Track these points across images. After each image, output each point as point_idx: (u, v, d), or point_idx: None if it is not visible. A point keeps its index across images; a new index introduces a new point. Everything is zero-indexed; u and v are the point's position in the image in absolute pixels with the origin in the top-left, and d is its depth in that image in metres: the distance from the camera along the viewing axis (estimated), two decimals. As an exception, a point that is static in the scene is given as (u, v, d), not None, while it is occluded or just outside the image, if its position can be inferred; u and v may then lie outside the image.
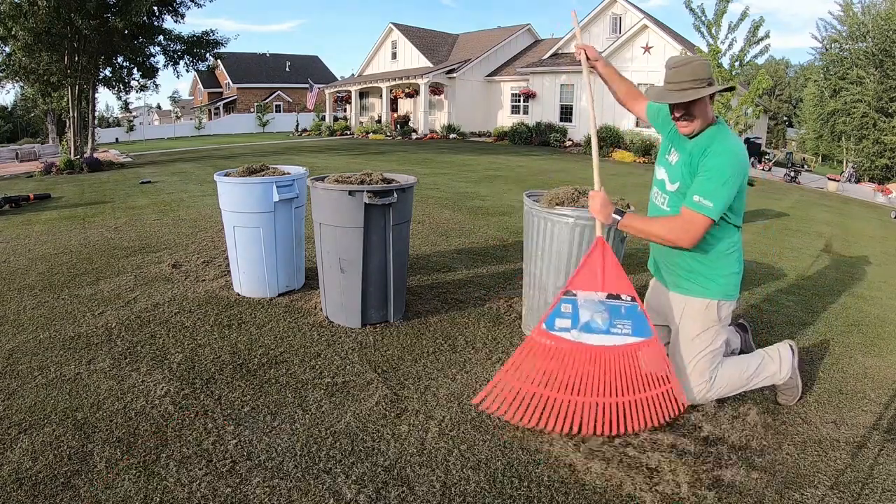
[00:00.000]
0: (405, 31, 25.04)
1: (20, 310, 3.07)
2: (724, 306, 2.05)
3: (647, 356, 1.94)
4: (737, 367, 2.13)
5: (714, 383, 2.08)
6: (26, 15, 11.12)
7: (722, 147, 1.90)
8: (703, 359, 2.06)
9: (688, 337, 2.08)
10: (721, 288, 2.02)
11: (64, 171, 11.23)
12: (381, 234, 2.74)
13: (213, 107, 42.46)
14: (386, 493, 1.66)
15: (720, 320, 2.06)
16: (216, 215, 5.63)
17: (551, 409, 1.91)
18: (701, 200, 1.85)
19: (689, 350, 2.08)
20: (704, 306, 2.04)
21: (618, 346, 1.92)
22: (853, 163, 21.31)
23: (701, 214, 1.86)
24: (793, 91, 42.06)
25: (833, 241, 6.31)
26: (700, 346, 2.06)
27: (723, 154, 1.87)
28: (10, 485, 1.64)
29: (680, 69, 1.92)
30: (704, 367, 2.07)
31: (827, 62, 23.96)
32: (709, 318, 2.05)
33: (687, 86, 1.90)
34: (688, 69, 1.91)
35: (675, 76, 1.93)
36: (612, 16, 18.81)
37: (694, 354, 2.07)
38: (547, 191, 2.72)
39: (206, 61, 15.81)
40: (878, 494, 1.74)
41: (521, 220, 4.37)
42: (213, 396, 2.17)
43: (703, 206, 1.85)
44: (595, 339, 1.92)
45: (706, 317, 2.05)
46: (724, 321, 2.07)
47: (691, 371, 2.08)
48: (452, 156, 13.89)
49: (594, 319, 1.93)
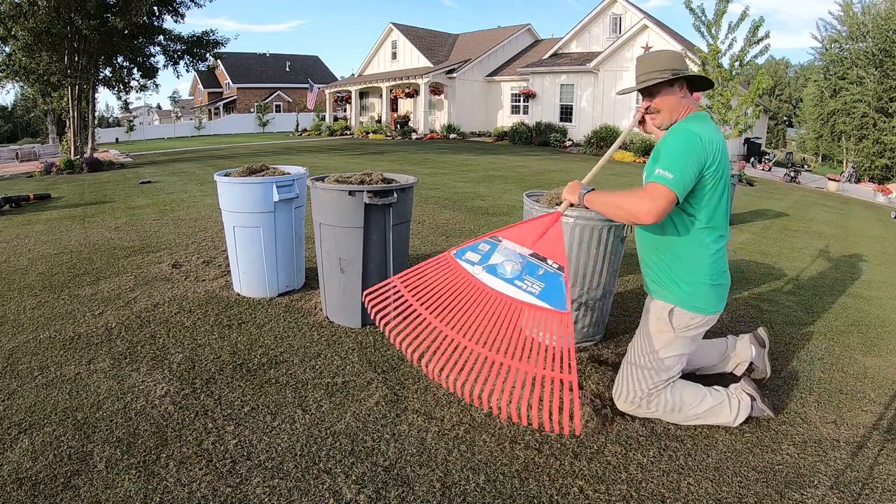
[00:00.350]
0: (405, 30, 25.04)
1: (20, 310, 3.07)
2: (679, 314, 1.93)
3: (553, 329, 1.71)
4: (690, 398, 2.00)
5: (653, 402, 1.99)
6: (26, 15, 11.11)
7: (678, 127, 1.86)
8: (645, 363, 1.98)
9: (640, 332, 2.05)
10: (682, 295, 1.92)
11: (64, 171, 11.23)
12: (381, 234, 2.74)
13: (213, 107, 42.46)
14: (386, 493, 1.66)
15: (673, 328, 1.95)
16: (216, 215, 5.63)
17: (425, 337, 1.77)
18: (661, 171, 1.78)
19: (637, 346, 2.04)
20: (659, 308, 1.97)
21: (516, 300, 1.75)
22: (853, 163, 21.32)
23: (661, 184, 1.77)
24: (793, 91, 42.06)
25: (833, 241, 6.31)
26: (647, 348, 2.00)
27: (677, 132, 1.84)
28: (10, 485, 1.64)
29: (645, 61, 1.96)
30: (645, 376, 1.98)
31: (827, 62, 23.97)
32: (661, 321, 1.96)
33: (649, 77, 1.92)
34: (651, 60, 1.94)
35: (640, 68, 1.96)
36: (613, 16, 18.81)
37: (640, 353, 2.01)
38: (547, 191, 2.72)
39: (206, 61, 15.80)
40: (878, 494, 1.74)
41: (520, 217, 4.37)
42: (213, 396, 2.17)
43: (663, 176, 1.77)
44: (494, 283, 1.79)
45: (659, 319, 1.97)
46: (679, 331, 1.95)
47: (630, 374, 2.02)
48: (452, 156, 13.89)
49: (503, 265, 1.83)
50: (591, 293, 2.57)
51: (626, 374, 2.06)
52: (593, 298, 2.58)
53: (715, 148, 1.80)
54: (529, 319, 1.74)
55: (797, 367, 2.63)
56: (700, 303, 1.92)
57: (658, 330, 1.98)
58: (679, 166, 1.77)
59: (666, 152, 1.82)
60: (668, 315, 1.95)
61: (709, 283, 1.91)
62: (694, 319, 1.94)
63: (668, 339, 1.97)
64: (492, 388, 1.73)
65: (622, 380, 2.07)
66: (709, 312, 1.94)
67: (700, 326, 1.97)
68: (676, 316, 1.95)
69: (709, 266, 1.90)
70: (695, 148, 1.78)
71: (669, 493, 1.70)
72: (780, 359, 2.70)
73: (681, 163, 1.77)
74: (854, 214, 9.83)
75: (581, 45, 19.77)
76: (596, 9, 18.97)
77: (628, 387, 2.03)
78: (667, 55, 1.94)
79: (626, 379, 2.05)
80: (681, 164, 1.77)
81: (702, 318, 1.95)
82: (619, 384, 2.08)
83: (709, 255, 1.90)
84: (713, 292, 1.92)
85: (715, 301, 1.94)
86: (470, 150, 16.12)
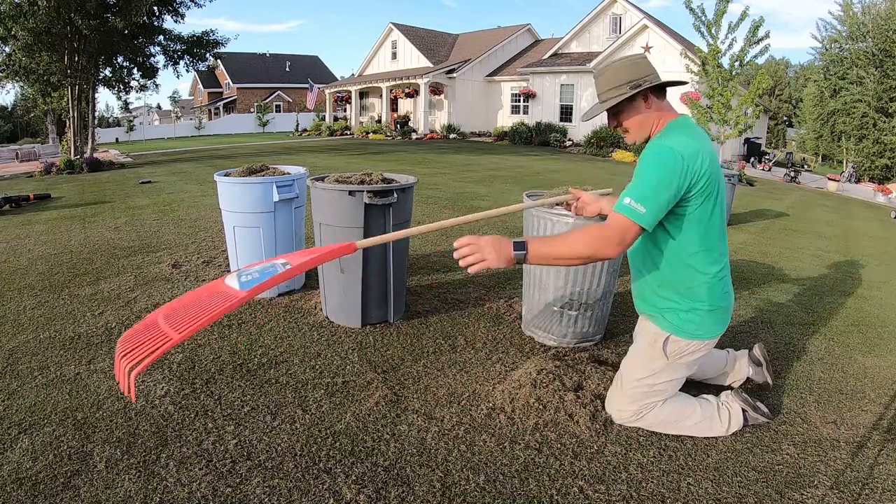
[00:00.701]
0: (405, 30, 25.04)
1: (20, 310, 3.07)
2: (674, 342, 1.82)
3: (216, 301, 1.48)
4: (681, 413, 1.94)
5: (644, 418, 1.94)
6: (26, 15, 11.11)
7: (653, 145, 1.68)
8: (637, 387, 1.91)
9: (633, 354, 1.97)
10: (678, 322, 1.80)
11: (64, 171, 11.23)
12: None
13: (213, 107, 42.47)
14: (386, 493, 1.66)
15: (667, 356, 1.84)
16: (216, 215, 5.63)
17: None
18: (630, 202, 1.60)
19: (629, 369, 1.96)
20: (653, 334, 1.86)
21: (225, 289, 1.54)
22: (853, 163, 21.33)
23: (627, 218, 1.60)
24: (793, 91, 42.06)
25: (833, 240, 6.31)
26: (638, 374, 1.91)
27: (651, 151, 1.65)
28: (10, 485, 1.64)
29: (601, 77, 1.77)
30: (637, 397, 1.93)
31: (827, 62, 23.99)
32: (654, 349, 1.86)
33: (608, 96, 1.75)
34: (607, 76, 1.76)
35: (598, 85, 1.79)
36: (613, 16, 18.82)
37: (631, 378, 1.93)
38: (547, 191, 2.72)
39: (206, 61, 15.81)
40: (878, 494, 1.74)
41: (521, 220, 4.37)
42: (213, 396, 2.17)
43: (632, 209, 1.59)
44: (229, 281, 1.57)
45: (652, 346, 1.86)
46: (673, 358, 1.84)
47: (622, 392, 1.97)
48: (452, 156, 13.89)
49: (252, 270, 1.61)
50: (591, 293, 2.57)
51: (617, 391, 2.01)
52: (593, 298, 2.58)
53: (700, 161, 1.61)
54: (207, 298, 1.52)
55: (797, 367, 2.63)
56: (697, 329, 1.79)
57: (650, 357, 1.88)
58: (651, 195, 1.59)
59: (638, 176, 1.64)
60: (662, 344, 1.83)
61: (706, 309, 1.77)
62: (690, 346, 1.82)
63: (660, 365, 1.87)
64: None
65: (614, 395, 2.03)
66: (707, 338, 1.82)
67: (697, 352, 1.85)
68: (671, 344, 1.82)
69: (706, 291, 1.76)
70: (672, 168, 1.59)
71: (669, 493, 1.70)
72: (781, 359, 2.70)
73: (653, 190, 1.59)
74: (854, 214, 9.83)
75: (581, 45, 19.78)
76: (596, 9, 18.98)
77: (619, 403, 1.99)
78: (622, 66, 1.74)
79: (618, 397, 2.00)
80: (653, 191, 1.59)
81: (699, 344, 1.82)
82: (611, 398, 2.05)
83: (706, 280, 1.75)
84: (711, 317, 1.79)
85: (713, 326, 1.81)
86: (470, 150, 16.12)
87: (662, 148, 1.63)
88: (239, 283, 1.54)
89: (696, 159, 1.61)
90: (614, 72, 1.74)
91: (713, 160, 1.67)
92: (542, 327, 2.73)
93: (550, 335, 2.71)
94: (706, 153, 1.65)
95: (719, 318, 1.83)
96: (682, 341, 1.82)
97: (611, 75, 1.75)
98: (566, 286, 2.56)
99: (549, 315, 2.67)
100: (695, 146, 1.63)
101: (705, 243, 1.72)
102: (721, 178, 1.71)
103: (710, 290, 1.76)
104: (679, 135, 1.67)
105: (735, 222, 6.86)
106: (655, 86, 1.74)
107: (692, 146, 1.63)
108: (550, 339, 2.71)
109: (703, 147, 1.66)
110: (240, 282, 1.54)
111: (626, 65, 1.74)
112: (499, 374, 2.40)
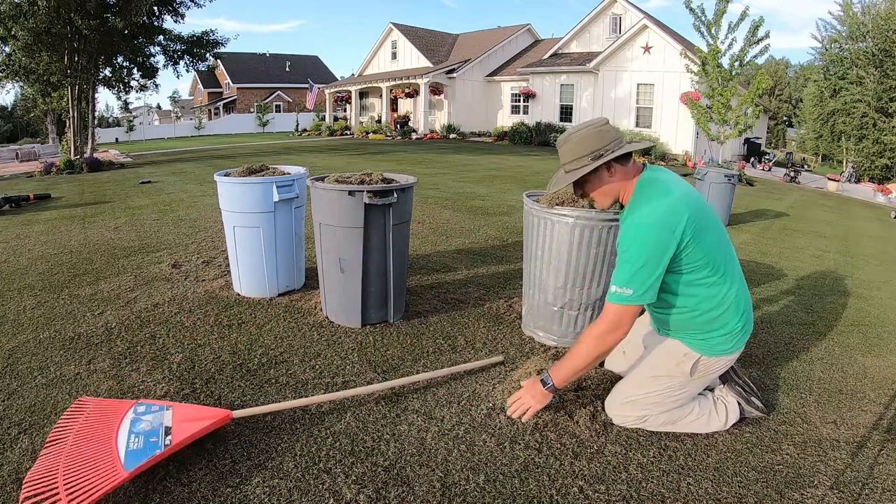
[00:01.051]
0: (405, 31, 25.04)
1: (20, 310, 3.07)
2: (704, 362, 1.86)
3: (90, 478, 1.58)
4: (679, 411, 1.96)
5: (646, 420, 1.95)
6: (26, 15, 11.11)
7: (629, 220, 1.71)
8: (650, 397, 1.92)
9: (651, 369, 1.95)
10: (710, 345, 1.84)
11: (64, 171, 11.22)
12: (380, 234, 2.74)
13: (213, 107, 42.46)
14: (386, 493, 1.66)
15: (692, 375, 1.87)
16: (216, 215, 5.63)
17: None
18: (619, 290, 1.69)
19: (643, 380, 1.95)
20: (682, 355, 1.87)
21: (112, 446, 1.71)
22: (853, 163, 21.33)
23: (620, 306, 1.69)
24: (793, 91, 42.04)
25: (833, 240, 6.31)
26: (656, 386, 1.90)
27: (628, 228, 1.69)
28: (10, 485, 1.64)
29: (562, 147, 1.80)
30: (648, 406, 1.93)
31: (827, 62, 23.98)
32: (681, 368, 1.88)
33: (570, 166, 1.79)
34: (567, 147, 1.78)
35: (561, 155, 1.81)
36: (612, 16, 18.82)
37: (646, 388, 1.92)
38: (545, 191, 2.72)
39: (206, 61, 15.80)
40: (878, 494, 1.74)
41: (521, 220, 4.38)
42: (213, 396, 2.17)
43: (622, 295, 1.68)
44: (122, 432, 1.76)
45: (679, 365, 1.88)
46: (698, 375, 1.87)
47: (632, 400, 1.95)
48: (452, 156, 13.89)
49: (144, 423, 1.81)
50: (591, 293, 2.57)
51: (622, 398, 1.99)
52: (593, 298, 2.58)
53: (677, 218, 1.65)
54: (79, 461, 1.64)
55: (797, 367, 2.63)
56: (727, 346, 1.84)
57: (672, 373, 1.89)
58: (638, 276, 1.66)
59: (621, 260, 1.70)
60: (691, 365, 1.86)
61: (736, 329, 1.83)
62: (720, 362, 1.88)
63: (682, 382, 1.90)
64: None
65: (618, 401, 2.00)
66: (733, 352, 1.88)
67: (724, 368, 1.92)
68: (701, 364, 1.86)
69: (733, 311, 1.81)
70: (655, 244, 1.64)
71: (669, 493, 1.70)
72: (781, 359, 2.70)
73: (640, 270, 1.66)
74: (854, 214, 9.83)
75: (581, 45, 19.77)
76: (596, 9, 18.98)
77: (625, 409, 1.98)
78: (585, 135, 1.75)
79: (623, 403, 1.98)
80: (641, 271, 1.66)
81: (727, 359, 1.89)
82: (614, 404, 2.01)
83: (726, 305, 1.79)
84: (740, 333, 1.85)
85: (742, 337, 1.86)
86: (470, 150, 16.12)
87: (640, 228, 1.66)
88: (125, 451, 1.67)
89: (676, 217, 1.65)
90: (577, 142, 1.76)
91: (696, 202, 1.71)
92: (542, 327, 2.73)
93: (550, 335, 2.71)
94: (680, 202, 1.68)
95: (746, 327, 1.88)
96: (712, 359, 1.87)
97: (573, 146, 1.77)
98: (566, 286, 2.56)
99: (549, 315, 2.67)
100: (668, 205, 1.66)
101: (715, 272, 1.76)
102: (705, 209, 1.74)
103: (735, 308, 1.81)
104: (651, 200, 1.70)
105: (735, 222, 6.86)
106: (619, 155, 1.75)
107: (666, 207, 1.66)
108: (550, 339, 2.71)
109: (675, 196, 1.69)
110: (126, 451, 1.68)
111: (589, 134, 1.75)
112: (499, 374, 2.40)
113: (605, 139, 1.74)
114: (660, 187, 1.73)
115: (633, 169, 1.82)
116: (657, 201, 1.69)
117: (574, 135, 1.78)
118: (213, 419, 1.85)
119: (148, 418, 1.83)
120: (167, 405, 1.92)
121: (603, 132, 1.75)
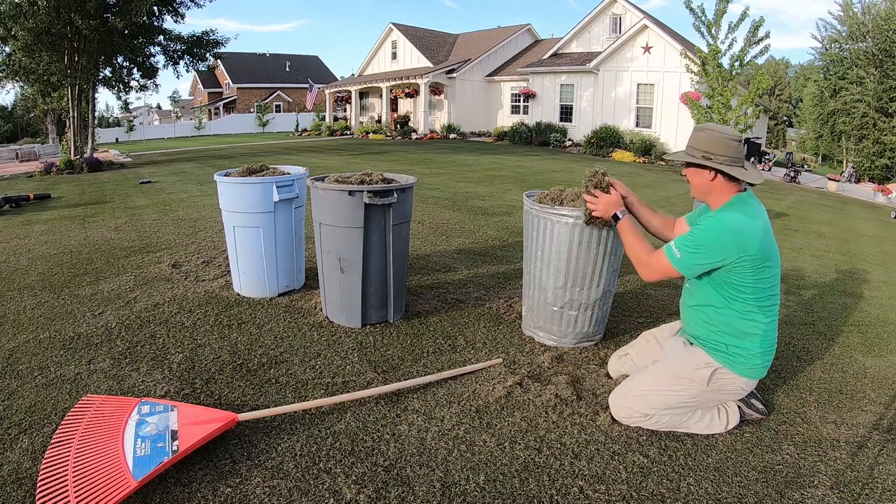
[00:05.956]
0: (405, 31, 25.04)
1: (20, 310, 3.07)
2: (722, 374, 1.93)
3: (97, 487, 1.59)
4: (682, 415, 2.00)
5: (649, 421, 1.99)
6: (26, 15, 11.11)
7: (712, 216, 1.90)
8: (661, 398, 1.95)
9: (668, 373, 1.99)
10: (731, 357, 1.93)
11: (64, 171, 11.23)
12: (381, 234, 2.74)
13: (213, 107, 42.47)
14: (386, 493, 1.66)
15: (706, 384, 1.93)
16: (216, 215, 5.63)
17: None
18: (674, 246, 1.91)
19: (658, 381, 1.98)
20: (704, 363, 1.95)
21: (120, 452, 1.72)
22: (853, 163, 21.34)
23: (666, 257, 1.92)
24: (793, 91, 42.04)
25: (833, 240, 6.31)
26: (668, 386, 1.95)
27: (709, 221, 1.88)
28: (10, 485, 1.64)
29: (694, 133, 2.00)
30: (657, 406, 1.96)
31: (827, 62, 23.97)
32: (698, 374, 1.94)
33: (690, 150, 1.98)
34: (697, 135, 1.97)
35: (690, 137, 2.01)
36: (613, 16, 18.80)
37: (659, 388, 1.96)
38: (547, 190, 2.72)
39: (206, 61, 15.79)
40: (878, 494, 1.74)
41: (521, 220, 4.37)
42: (213, 396, 2.17)
43: (672, 253, 1.91)
44: (128, 435, 1.78)
45: (697, 371, 1.95)
46: (712, 387, 1.94)
47: (640, 393, 1.98)
48: (452, 156, 13.89)
49: (149, 425, 1.84)
50: (591, 293, 2.57)
51: (630, 394, 2.01)
52: (593, 298, 2.58)
53: (748, 238, 1.81)
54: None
55: (797, 367, 2.63)
56: (746, 367, 1.93)
57: (691, 379, 1.95)
58: (690, 251, 1.87)
59: (692, 232, 1.91)
60: (709, 374, 1.94)
61: (759, 352, 1.93)
62: (736, 382, 1.94)
63: (697, 390, 1.95)
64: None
65: (625, 397, 2.02)
66: (752, 378, 1.96)
67: (736, 392, 1.97)
68: (718, 375, 1.94)
69: (760, 339, 1.92)
70: (719, 242, 1.82)
71: (669, 493, 1.70)
72: (781, 359, 2.70)
73: (694, 250, 1.86)
74: (854, 214, 9.83)
75: (581, 45, 19.76)
76: (596, 9, 18.96)
77: (632, 405, 1.99)
78: (709, 136, 1.92)
79: (632, 399, 2.00)
80: (694, 250, 1.86)
81: (745, 382, 1.95)
82: (622, 399, 2.03)
83: (761, 328, 1.91)
84: (761, 360, 1.94)
85: (762, 368, 1.95)
86: (470, 150, 16.12)
87: (719, 224, 1.84)
88: (133, 458, 1.68)
89: (744, 235, 1.81)
90: (704, 137, 1.94)
91: (766, 234, 1.86)
92: (542, 327, 2.73)
93: (550, 335, 2.71)
94: (757, 229, 1.84)
95: (767, 361, 1.96)
96: (730, 375, 1.94)
97: (699, 137, 1.95)
98: (566, 286, 2.56)
99: (549, 315, 2.67)
100: (748, 226, 1.83)
101: (761, 301, 1.90)
102: (773, 248, 1.89)
103: (763, 338, 1.92)
104: (737, 212, 1.87)
105: (735, 222, 6.84)
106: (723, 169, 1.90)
107: (745, 226, 1.83)
108: (550, 339, 2.71)
109: (756, 223, 1.85)
110: (134, 457, 1.68)
111: (715, 138, 1.91)
112: (499, 374, 2.40)
113: (722, 150, 1.89)
114: (751, 210, 1.89)
115: (734, 188, 1.95)
116: (743, 218, 1.85)
117: (708, 129, 1.94)
118: (219, 423, 1.85)
119: (153, 420, 1.84)
120: (172, 405, 1.92)
121: (726, 144, 1.90)
